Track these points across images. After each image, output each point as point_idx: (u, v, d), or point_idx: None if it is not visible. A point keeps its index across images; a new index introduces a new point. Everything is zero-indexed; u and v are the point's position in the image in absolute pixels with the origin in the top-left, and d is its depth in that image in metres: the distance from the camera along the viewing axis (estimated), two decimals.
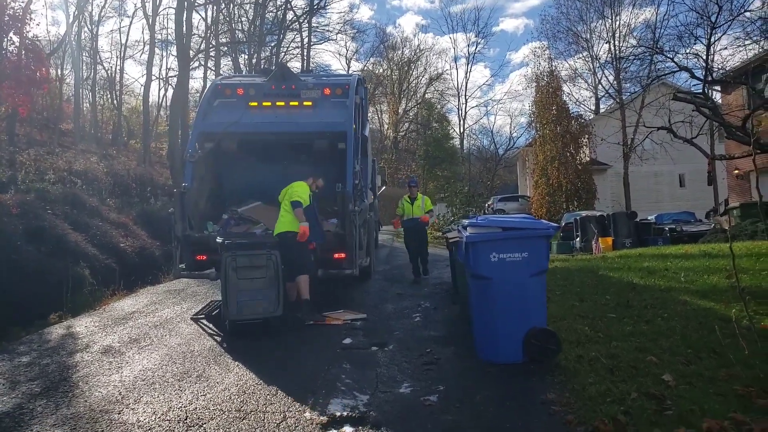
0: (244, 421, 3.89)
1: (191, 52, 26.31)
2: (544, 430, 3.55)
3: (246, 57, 35.11)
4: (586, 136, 29.20)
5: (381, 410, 3.99)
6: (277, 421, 3.85)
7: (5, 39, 14.98)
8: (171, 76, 36.38)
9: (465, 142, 54.97)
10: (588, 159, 29.46)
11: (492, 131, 74.92)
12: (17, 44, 15.28)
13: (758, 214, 14.35)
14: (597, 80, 36.48)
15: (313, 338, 6.09)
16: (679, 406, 3.59)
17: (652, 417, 3.47)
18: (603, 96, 36.64)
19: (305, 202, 7.03)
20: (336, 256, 7.54)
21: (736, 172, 20.33)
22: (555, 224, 5.66)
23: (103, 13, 37.60)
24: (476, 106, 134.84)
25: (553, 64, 31.92)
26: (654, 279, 8.25)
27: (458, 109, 54.07)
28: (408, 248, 10.46)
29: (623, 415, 3.52)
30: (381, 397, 4.25)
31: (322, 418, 3.90)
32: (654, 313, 6.11)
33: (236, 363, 5.24)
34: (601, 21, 35.41)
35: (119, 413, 4.11)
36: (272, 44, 37.32)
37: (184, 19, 22.21)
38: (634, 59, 24.68)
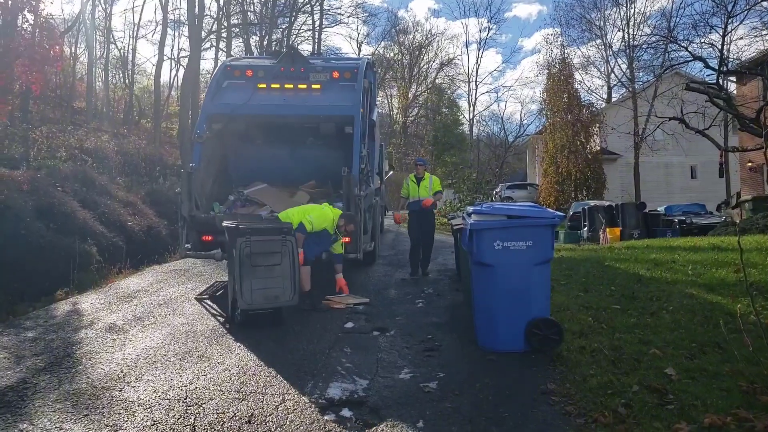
0: (243, 402, 3.90)
1: (203, 32, 26.25)
2: (544, 420, 3.54)
3: (257, 39, 35.01)
4: (597, 124, 28.96)
5: (380, 395, 4.00)
6: (276, 403, 3.87)
7: (20, 16, 14.97)
8: (183, 57, 36.32)
9: (474, 128, 54.71)
10: (598, 148, 29.24)
11: (502, 118, 74.12)
12: (31, 22, 15.27)
13: None
14: (610, 68, 36.18)
15: (314, 321, 6.10)
16: (681, 400, 3.57)
17: (653, 411, 3.45)
18: (615, 85, 36.37)
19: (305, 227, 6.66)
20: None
21: (750, 164, 20.09)
22: (560, 213, 5.61)
23: None
24: (487, 92, 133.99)
25: (566, 51, 31.63)
26: (660, 271, 8.18)
27: (468, 94, 53.73)
28: (410, 236, 9.01)
29: (624, 408, 3.50)
30: (381, 382, 4.25)
31: (321, 401, 3.91)
32: (659, 305, 6.06)
33: (237, 344, 5.26)
34: (615, 8, 34.99)
35: (120, 390, 4.14)
36: (284, 26, 37.19)
37: None
38: (648, 48, 24.41)
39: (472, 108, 53.61)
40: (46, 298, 7.38)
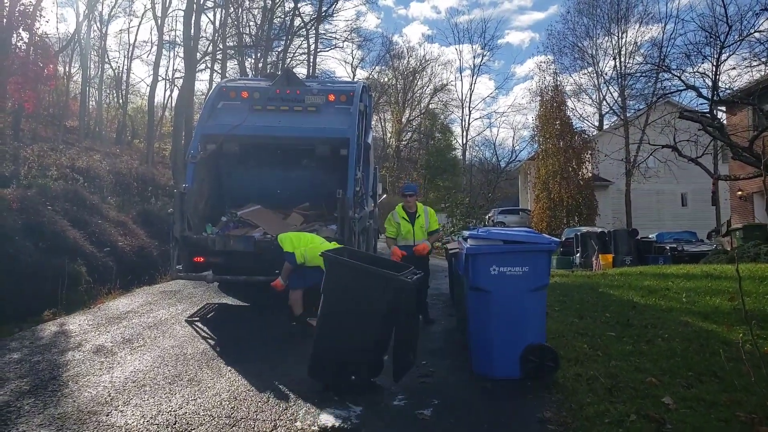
0: (233, 428, 3.81)
1: (198, 54, 26.41)
2: None
3: (252, 61, 35.24)
4: (589, 151, 29.20)
5: (373, 422, 3.91)
6: (268, 430, 3.78)
7: (14, 35, 15.02)
8: (177, 78, 36.49)
9: (467, 153, 55.03)
10: (590, 175, 29.44)
11: (494, 143, 75.06)
12: (26, 40, 15.33)
13: (761, 235, 14.31)
14: (602, 96, 36.62)
15: (306, 346, 5.98)
16: (679, 430, 3.52)
17: None
18: (607, 112, 36.81)
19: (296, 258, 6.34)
20: None
21: (740, 193, 20.27)
22: (557, 239, 5.59)
23: (112, 13, 37.81)
24: (480, 117, 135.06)
25: (558, 78, 32.01)
26: (655, 298, 8.16)
27: (461, 120, 54.23)
28: None
29: None
30: (374, 409, 4.17)
31: (313, 428, 3.82)
32: (654, 333, 6.03)
33: (228, 368, 5.16)
34: (607, 37, 35.56)
35: (107, 415, 4.03)
36: (279, 49, 37.50)
37: (193, 21, 22.32)
38: (640, 76, 24.75)
39: (465, 133, 54.07)
40: (32, 318, 7.23)
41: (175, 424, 3.88)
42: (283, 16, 37.38)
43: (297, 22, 37.71)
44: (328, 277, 4.46)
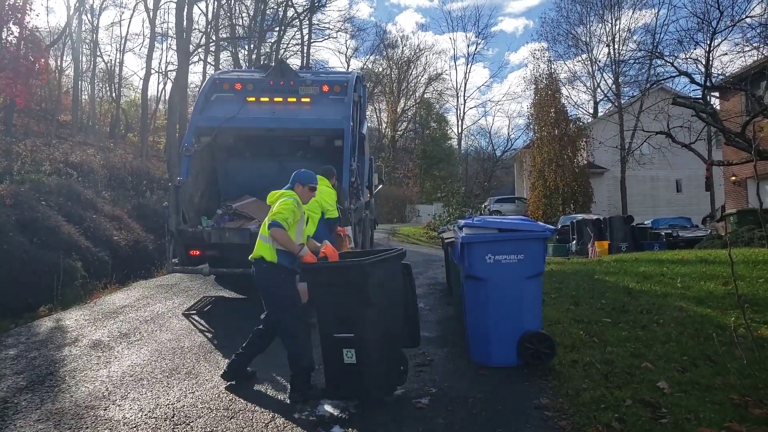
0: (232, 420, 3.82)
1: (191, 46, 26.22)
2: None
3: (246, 52, 35.05)
4: (584, 139, 29.23)
5: (372, 412, 3.93)
6: (266, 421, 3.79)
7: (4, 29, 14.88)
8: (170, 70, 36.23)
9: (463, 142, 55.07)
10: (585, 162, 29.48)
11: (490, 132, 75.04)
12: (16, 35, 15.17)
13: (755, 220, 14.36)
14: (596, 83, 36.58)
15: None
16: (674, 414, 3.54)
17: (647, 425, 3.42)
18: (601, 99, 36.79)
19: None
20: None
21: (733, 178, 20.32)
22: (552, 226, 5.60)
23: (104, 5, 37.52)
24: (475, 106, 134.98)
25: (553, 66, 31.96)
26: (650, 284, 8.20)
27: (457, 109, 54.27)
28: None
29: (617, 422, 3.47)
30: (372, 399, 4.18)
31: (311, 419, 3.84)
32: (650, 318, 6.06)
33: (226, 360, 5.13)
34: (600, 24, 35.49)
35: (105, 410, 4.04)
36: (272, 40, 37.31)
37: (185, 13, 22.15)
38: (634, 63, 24.73)
39: (460, 122, 54.05)
40: (28, 314, 7.23)
41: (173, 417, 3.89)
42: (275, 7, 37.15)
43: (290, 12, 37.54)
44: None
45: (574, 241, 18.64)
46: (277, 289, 4.35)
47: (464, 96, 53.64)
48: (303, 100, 8.61)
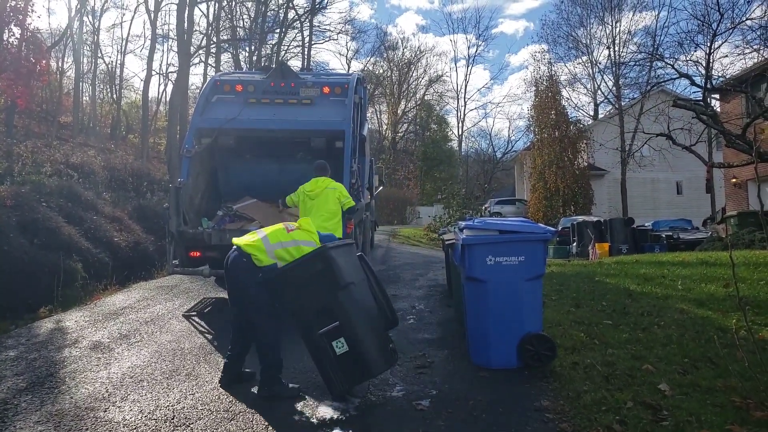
0: (232, 422, 3.81)
1: (192, 48, 26.24)
2: None
3: (246, 54, 35.11)
4: (584, 141, 29.24)
5: (372, 414, 3.93)
6: (265, 424, 3.78)
7: (6, 30, 14.88)
8: (171, 72, 36.34)
9: (463, 144, 55.12)
10: (585, 164, 29.48)
11: (490, 134, 75.00)
12: (18, 36, 15.18)
13: (756, 222, 14.35)
14: (596, 85, 36.62)
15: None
16: (676, 416, 3.53)
17: (648, 427, 3.42)
18: (602, 102, 36.84)
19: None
20: None
21: (734, 180, 20.32)
22: (552, 228, 5.59)
23: (105, 6, 37.61)
24: (475, 108, 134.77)
25: (553, 68, 31.99)
26: (651, 286, 8.19)
27: (457, 111, 54.23)
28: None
29: (618, 425, 3.46)
30: (372, 401, 4.18)
31: (312, 420, 3.83)
32: (650, 320, 6.05)
33: (226, 362, 5.15)
34: (601, 27, 35.54)
35: (105, 411, 4.03)
36: (273, 42, 37.36)
37: (186, 15, 22.17)
38: (634, 65, 24.76)
39: (460, 124, 54.10)
40: (28, 315, 7.23)
41: (173, 418, 3.88)
42: (276, 9, 37.28)
43: (291, 14, 37.65)
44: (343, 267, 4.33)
45: (575, 243, 18.63)
46: (248, 281, 4.30)
47: (465, 98, 53.87)
48: (304, 101, 8.62)
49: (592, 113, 37.15)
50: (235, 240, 4.56)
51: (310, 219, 4.92)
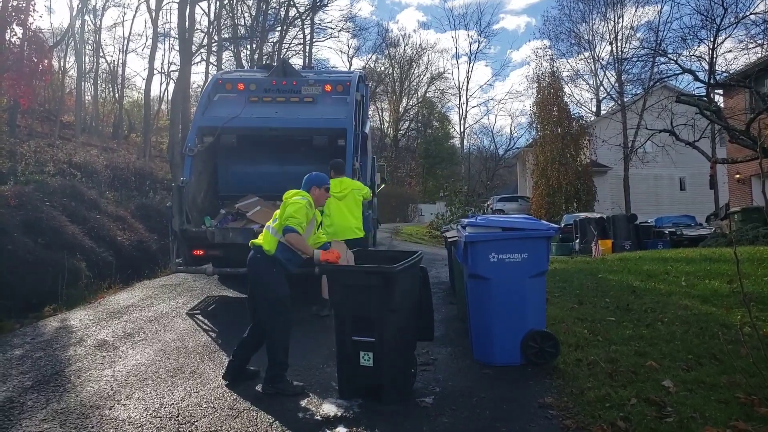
0: (236, 419, 3.83)
1: (193, 46, 26.25)
2: None
3: (248, 52, 35.08)
4: (587, 137, 29.16)
5: (376, 411, 3.93)
6: (270, 421, 3.79)
7: (8, 30, 14.89)
8: (173, 71, 36.38)
9: (465, 141, 55.02)
10: (588, 161, 29.41)
11: (492, 131, 74.73)
12: (20, 36, 15.19)
13: (760, 218, 14.32)
14: (598, 81, 36.54)
15: (308, 336, 6.03)
16: (680, 412, 3.53)
17: (652, 423, 3.41)
18: (604, 98, 36.75)
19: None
20: None
21: (738, 176, 20.27)
22: (555, 225, 5.59)
23: (106, 6, 37.64)
24: (477, 105, 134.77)
25: (555, 65, 31.90)
26: (654, 282, 8.18)
27: (459, 108, 54.13)
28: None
29: (622, 421, 3.46)
30: (376, 398, 4.18)
31: (315, 418, 3.84)
32: (654, 317, 6.05)
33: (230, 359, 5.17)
34: (603, 22, 35.43)
35: (110, 409, 4.05)
36: (274, 40, 37.37)
37: (187, 13, 22.12)
38: (637, 61, 24.67)
39: (462, 121, 54.03)
40: (33, 314, 7.25)
41: (177, 416, 3.89)
42: (277, 6, 37.23)
43: (292, 12, 37.65)
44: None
45: (578, 240, 18.60)
46: (267, 278, 4.39)
47: (466, 94, 53.82)
48: (305, 99, 8.62)
49: (594, 109, 37.15)
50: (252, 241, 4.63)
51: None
